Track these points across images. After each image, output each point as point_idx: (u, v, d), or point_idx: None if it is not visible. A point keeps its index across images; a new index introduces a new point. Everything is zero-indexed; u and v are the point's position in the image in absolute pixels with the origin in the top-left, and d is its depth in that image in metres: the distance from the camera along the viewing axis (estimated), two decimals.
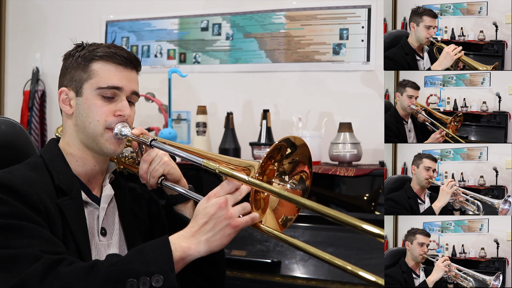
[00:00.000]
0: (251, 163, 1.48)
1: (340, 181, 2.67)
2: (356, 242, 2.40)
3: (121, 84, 1.59)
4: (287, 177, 1.54)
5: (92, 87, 1.58)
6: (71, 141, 1.62)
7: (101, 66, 1.59)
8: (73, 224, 1.50)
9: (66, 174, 1.58)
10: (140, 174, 1.64)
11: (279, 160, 1.51)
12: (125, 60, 1.61)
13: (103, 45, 1.63)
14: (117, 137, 1.59)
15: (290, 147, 1.51)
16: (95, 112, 1.58)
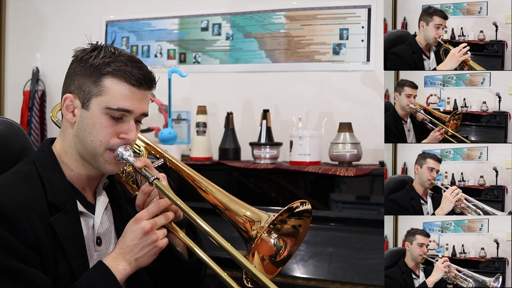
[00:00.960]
0: (260, 217, 1.54)
1: (340, 181, 2.67)
2: (356, 242, 2.40)
3: (131, 108, 1.52)
4: (276, 235, 1.59)
5: (100, 105, 1.50)
6: (69, 150, 1.56)
7: (113, 84, 1.50)
8: (64, 240, 1.46)
9: (61, 184, 1.52)
10: (137, 204, 1.59)
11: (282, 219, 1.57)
12: (140, 81, 1.53)
13: (120, 57, 1.53)
14: (117, 159, 1.53)
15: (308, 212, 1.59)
16: (99, 132, 1.51)
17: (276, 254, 1.59)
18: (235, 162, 2.85)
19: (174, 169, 1.71)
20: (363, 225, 2.45)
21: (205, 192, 1.63)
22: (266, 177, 2.77)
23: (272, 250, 1.59)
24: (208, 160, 2.95)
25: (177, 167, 1.70)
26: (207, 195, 1.63)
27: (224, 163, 2.82)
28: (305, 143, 2.73)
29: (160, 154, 1.74)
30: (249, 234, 1.53)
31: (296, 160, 2.74)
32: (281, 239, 1.59)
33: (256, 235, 1.50)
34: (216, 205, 1.61)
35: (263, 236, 1.56)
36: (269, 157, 2.82)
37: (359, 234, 2.43)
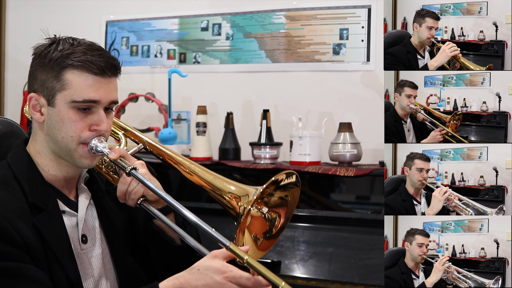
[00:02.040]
0: (247, 191, 1.49)
1: (340, 181, 2.67)
2: (356, 242, 2.40)
3: (98, 97, 1.46)
4: (266, 209, 1.54)
5: (65, 99, 1.45)
6: (42, 150, 1.52)
7: (75, 76, 1.45)
8: (52, 241, 1.43)
9: (39, 185, 1.48)
10: (118, 195, 1.55)
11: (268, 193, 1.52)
12: (103, 69, 1.46)
13: (79, 47, 1.47)
14: (92, 152, 1.49)
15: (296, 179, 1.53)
16: (69, 127, 1.46)
17: (271, 228, 1.54)
18: (235, 162, 2.85)
19: (155, 153, 1.67)
20: (363, 225, 2.45)
21: (189, 173, 1.59)
22: (266, 177, 2.77)
23: (265, 225, 1.54)
24: (208, 160, 2.95)
25: (158, 151, 1.66)
26: (191, 176, 1.59)
27: (224, 163, 2.82)
28: (305, 143, 2.73)
29: (139, 139, 1.70)
30: (236, 211, 1.48)
31: (296, 160, 2.74)
32: (272, 211, 1.54)
33: (243, 210, 1.45)
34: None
35: (252, 212, 1.51)
36: (269, 157, 2.82)
37: (359, 234, 2.43)
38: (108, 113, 1.51)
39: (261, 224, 1.53)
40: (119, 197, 1.55)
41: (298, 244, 2.46)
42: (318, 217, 2.51)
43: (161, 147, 1.67)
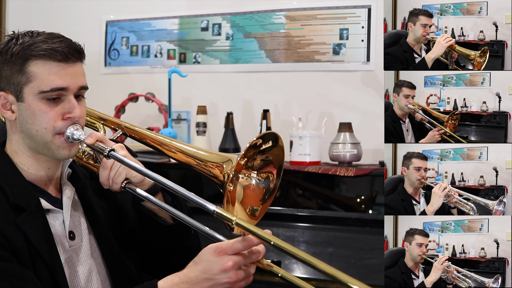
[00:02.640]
0: (228, 157, 1.45)
1: (340, 181, 2.67)
2: (356, 242, 2.40)
3: (65, 84, 1.43)
4: (255, 173, 1.50)
5: (33, 92, 1.43)
6: (19, 149, 1.49)
7: (39, 66, 1.42)
8: (36, 240, 1.41)
9: (20, 186, 1.46)
10: (101, 181, 1.52)
11: (251, 155, 1.47)
12: (66, 55, 1.43)
13: (38, 38, 1.44)
14: (69, 141, 1.46)
15: (272, 141, 1.49)
16: (41, 119, 1.43)
17: (268, 188, 1.51)
18: None
19: (136, 137, 1.65)
20: (363, 225, 2.45)
21: (173, 152, 1.57)
22: None
23: (260, 190, 1.51)
24: None
25: (138, 134, 1.64)
26: (175, 154, 1.56)
27: None
28: (305, 143, 2.73)
29: (116, 125, 1.68)
30: (220, 179, 1.43)
31: (296, 160, 2.74)
32: (261, 173, 1.51)
33: (226, 178, 1.41)
34: (187, 162, 1.53)
35: (242, 181, 1.47)
36: None
37: (359, 234, 2.43)
38: (79, 100, 1.49)
39: (256, 191, 1.51)
40: (103, 183, 1.53)
41: (298, 244, 2.46)
42: (318, 217, 2.51)
43: (140, 129, 1.64)
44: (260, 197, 1.51)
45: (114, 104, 3.26)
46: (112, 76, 3.50)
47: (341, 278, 1.23)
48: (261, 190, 1.51)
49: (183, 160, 1.55)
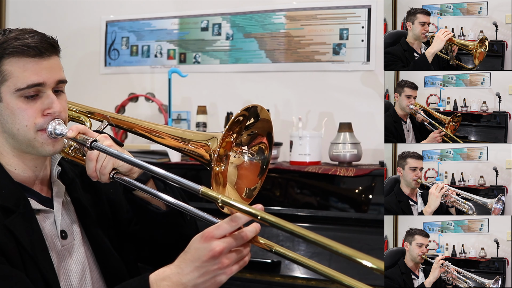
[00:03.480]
0: (213, 135, 1.42)
1: (340, 181, 2.67)
2: (356, 242, 2.40)
3: (42, 79, 1.40)
4: (246, 148, 1.47)
5: (10, 90, 1.40)
6: (3, 149, 1.47)
7: (13, 64, 1.39)
8: (25, 241, 1.39)
9: (8, 187, 1.44)
10: (88, 174, 1.49)
11: (238, 131, 1.44)
12: (39, 50, 1.40)
13: (10, 35, 1.41)
14: (52, 137, 1.43)
15: (253, 117, 1.45)
16: (21, 117, 1.41)
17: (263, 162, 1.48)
18: None
19: (123, 126, 1.62)
20: (363, 225, 2.45)
21: (161, 137, 1.54)
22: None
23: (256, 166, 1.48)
24: None
25: (125, 123, 1.62)
26: (163, 139, 1.54)
27: None
28: (305, 143, 2.73)
29: (101, 116, 1.65)
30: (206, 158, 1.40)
31: (296, 160, 2.74)
32: (252, 147, 1.48)
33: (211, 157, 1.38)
34: (175, 145, 1.51)
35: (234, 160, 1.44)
36: None
37: (359, 234, 2.43)
38: (58, 94, 1.46)
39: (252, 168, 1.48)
40: (90, 176, 1.50)
41: (298, 244, 2.46)
42: (318, 217, 2.51)
43: (125, 118, 1.62)
44: (257, 171, 1.48)
45: (114, 104, 3.26)
46: (112, 76, 3.50)
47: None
48: (256, 165, 1.48)
49: (171, 144, 1.52)
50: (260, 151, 1.48)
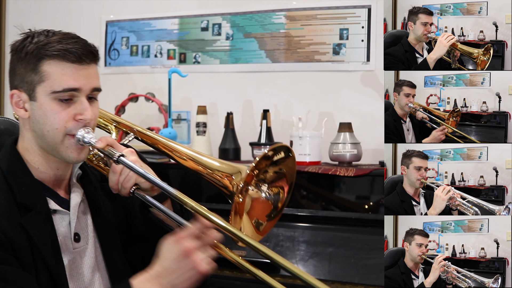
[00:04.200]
0: (239, 169, 1.45)
1: (340, 181, 2.67)
2: (356, 242, 2.40)
3: (78, 85, 1.43)
4: (266, 186, 1.50)
5: (46, 91, 1.42)
6: (30, 147, 1.49)
7: (53, 66, 1.42)
8: (39, 240, 1.40)
9: (28, 185, 1.45)
10: (110, 186, 1.52)
11: (264, 167, 1.47)
12: (80, 56, 1.43)
13: (53, 37, 1.44)
14: (79, 144, 1.45)
15: (285, 153, 1.49)
16: (52, 119, 1.43)
17: (276, 205, 1.51)
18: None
19: (148, 142, 1.64)
20: (363, 225, 2.45)
21: (184, 159, 1.56)
22: None
23: (268, 205, 1.50)
24: None
25: (150, 139, 1.63)
26: (186, 161, 1.56)
27: None
28: (305, 143, 2.73)
29: (129, 129, 1.67)
30: (229, 190, 1.43)
31: (296, 160, 2.73)
32: (272, 187, 1.50)
33: (236, 189, 1.41)
34: (197, 170, 1.53)
35: (252, 194, 1.48)
36: None
37: (359, 234, 2.43)
38: (91, 102, 1.48)
39: (264, 206, 1.50)
40: (112, 188, 1.52)
41: (298, 244, 2.46)
42: (318, 217, 2.51)
43: (152, 134, 1.64)
44: (267, 212, 1.51)
45: (114, 104, 3.26)
46: (112, 76, 3.50)
47: None
48: (269, 206, 1.51)
49: (193, 168, 1.55)
50: (277, 195, 1.52)
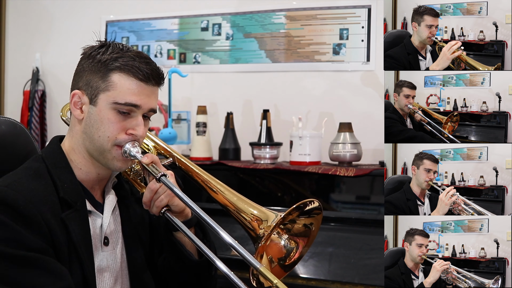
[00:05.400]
0: (268, 215, 1.50)
1: (340, 181, 2.67)
2: (356, 242, 2.40)
3: (139, 102, 1.50)
4: (287, 236, 1.57)
5: (108, 100, 1.49)
6: (77, 147, 1.55)
7: (121, 79, 1.49)
8: (76, 237, 1.46)
9: (71, 183, 1.51)
10: (143, 201, 1.57)
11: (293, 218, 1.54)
12: (148, 76, 1.51)
13: (128, 53, 1.52)
14: (125, 155, 1.52)
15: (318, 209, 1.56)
16: (107, 127, 1.50)
17: (286, 257, 1.57)
18: (235, 162, 2.85)
19: (184, 168, 1.69)
20: (363, 225, 2.45)
21: (215, 192, 1.61)
22: (266, 177, 2.77)
23: (282, 252, 1.56)
24: (208, 160, 2.95)
25: (187, 167, 1.68)
26: (216, 195, 1.61)
27: (224, 163, 2.82)
28: (305, 143, 2.73)
29: (169, 154, 1.73)
30: (256, 233, 1.50)
31: (296, 160, 2.74)
32: (292, 240, 1.57)
33: (263, 233, 1.48)
34: (226, 205, 1.59)
35: (272, 237, 1.54)
36: (269, 157, 2.82)
37: (359, 234, 2.43)
38: (145, 120, 1.55)
39: (278, 250, 1.56)
40: (144, 203, 1.57)
41: None
42: None
43: (190, 164, 1.69)
44: (279, 256, 1.57)
45: None
46: None
47: None
48: (282, 253, 1.57)
49: (222, 202, 1.60)
50: (292, 249, 1.58)
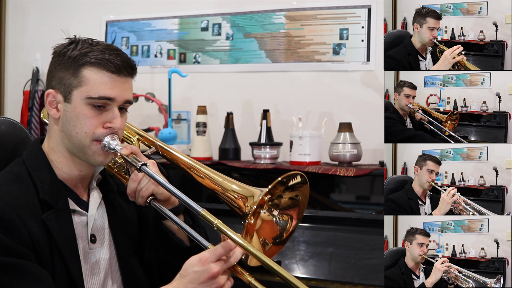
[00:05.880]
0: (253, 192, 1.48)
1: (340, 181, 2.67)
2: (356, 242, 2.40)
3: (113, 95, 1.50)
4: (277, 211, 1.54)
5: (81, 96, 1.49)
6: (56, 147, 1.55)
7: (92, 73, 1.49)
8: (59, 238, 1.45)
9: (52, 183, 1.51)
10: (128, 193, 1.57)
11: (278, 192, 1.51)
12: (119, 68, 1.51)
13: (97, 47, 1.52)
14: (105, 149, 1.51)
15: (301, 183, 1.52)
16: (83, 123, 1.49)
17: (281, 233, 1.55)
18: (235, 162, 2.85)
19: (168, 156, 1.68)
20: (363, 225, 2.45)
21: (201, 177, 1.60)
22: (266, 177, 2.77)
23: (276, 230, 1.54)
24: (208, 160, 2.95)
25: (171, 155, 1.67)
26: (203, 180, 1.59)
27: (224, 163, 2.82)
28: (305, 143, 2.73)
29: (151, 143, 1.71)
30: (243, 210, 1.48)
31: (296, 160, 2.74)
32: (283, 214, 1.55)
33: (249, 210, 1.46)
34: (213, 188, 1.57)
35: (264, 216, 1.52)
36: (269, 157, 2.82)
37: (359, 234, 2.43)
38: (122, 112, 1.55)
39: (272, 229, 1.54)
40: (129, 195, 1.57)
41: (298, 244, 2.46)
42: (318, 217, 2.51)
43: (173, 151, 1.67)
44: (273, 235, 1.54)
45: None
46: None
47: None
48: (276, 230, 1.54)
49: (209, 186, 1.59)
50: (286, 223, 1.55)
